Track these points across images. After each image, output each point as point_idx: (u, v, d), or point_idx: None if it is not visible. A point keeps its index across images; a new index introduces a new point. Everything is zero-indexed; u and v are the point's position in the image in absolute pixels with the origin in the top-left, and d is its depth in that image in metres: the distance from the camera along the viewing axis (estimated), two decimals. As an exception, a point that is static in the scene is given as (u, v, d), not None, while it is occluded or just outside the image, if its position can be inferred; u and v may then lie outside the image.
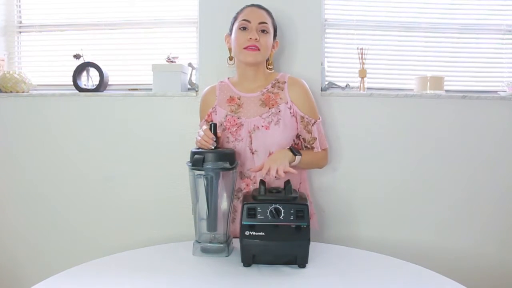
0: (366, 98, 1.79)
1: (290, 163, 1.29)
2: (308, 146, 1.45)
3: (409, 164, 1.80)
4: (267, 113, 1.41)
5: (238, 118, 1.42)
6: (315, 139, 1.44)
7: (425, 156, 1.79)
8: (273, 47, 1.49)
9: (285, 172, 1.23)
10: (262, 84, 1.47)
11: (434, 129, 1.79)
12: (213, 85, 1.53)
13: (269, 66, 1.55)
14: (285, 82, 1.46)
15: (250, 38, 1.38)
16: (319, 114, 1.49)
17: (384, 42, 1.89)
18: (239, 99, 1.45)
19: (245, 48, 1.39)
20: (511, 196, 1.80)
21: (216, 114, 1.46)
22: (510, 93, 1.80)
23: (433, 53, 1.90)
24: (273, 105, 1.42)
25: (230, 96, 1.47)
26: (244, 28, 1.40)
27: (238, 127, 1.41)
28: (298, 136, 1.47)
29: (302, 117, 1.43)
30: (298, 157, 1.33)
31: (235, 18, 1.46)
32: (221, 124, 1.43)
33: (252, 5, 1.46)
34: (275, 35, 1.49)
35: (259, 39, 1.39)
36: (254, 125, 1.40)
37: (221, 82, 1.53)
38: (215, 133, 1.26)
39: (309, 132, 1.43)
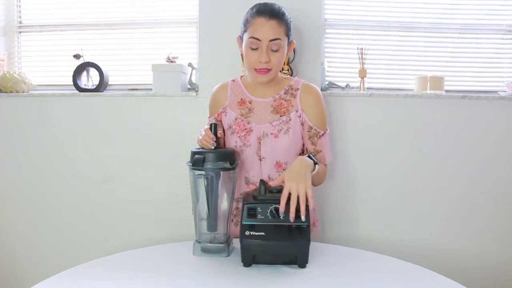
0: (366, 98, 1.79)
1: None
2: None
3: (409, 164, 1.80)
4: (278, 121, 1.36)
5: (248, 123, 1.38)
6: (318, 152, 1.38)
7: (425, 156, 1.79)
8: (289, 49, 1.36)
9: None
10: (275, 89, 1.40)
11: (434, 129, 1.79)
12: (225, 83, 1.47)
13: (283, 71, 1.47)
14: (298, 89, 1.39)
15: (261, 61, 1.28)
16: (327, 125, 1.42)
17: (384, 42, 1.89)
18: (250, 103, 1.40)
19: (256, 70, 1.31)
20: (511, 196, 1.80)
21: (226, 116, 1.41)
22: (510, 93, 1.80)
23: (433, 53, 1.90)
24: (284, 113, 1.37)
25: (242, 99, 1.41)
26: (255, 48, 1.29)
27: (247, 132, 1.37)
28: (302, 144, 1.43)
29: (310, 127, 1.37)
30: (317, 166, 1.24)
31: (246, 26, 1.31)
32: (230, 127, 1.39)
33: (263, 13, 1.27)
34: (290, 36, 1.36)
35: (270, 60, 1.28)
36: (264, 132, 1.36)
37: (233, 81, 1.46)
38: (215, 133, 1.26)
39: (313, 144, 1.37)
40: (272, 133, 1.36)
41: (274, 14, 1.28)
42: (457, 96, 1.79)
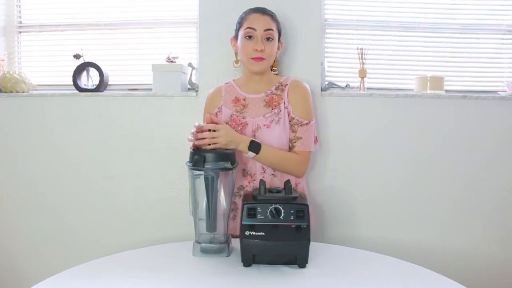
0: (366, 98, 1.79)
1: (236, 149, 1.31)
2: (290, 145, 1.46)
3: (409, 164, 1.80)
4: (270, 113, 1.46)
5: (243, 118, 1.46)
6: (298, 138, 1.44)
7: (425, 156, 1.79)
8: (278, 48, 1.50)
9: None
10: (267, 86, 1.51)
11: (434, 129, 1.79)
12: (219, 86, 1.57)
13: (273, 68, 1.60)
14: (287, 84, 1.51)
15: (256, 50, 1.40)
16: (313, 116, 1.50)
17: (384, 42, 1.89)
18: (244, 100, 1.50)
19: (252, 59, 1.42)
20: (511, 196, 1.80)
21: (221, 114, 1.49)
22: (510, 93, 1.80)
23: (433, 53, 1.90)
24: (275, 106, 1.47)
25: (236, 97, 1.51)
26: (250, 37, 1.42)
27: (243, 126, 1.45)
28: None
29: (292, 118, 1.46)
30: (250, 153, 1.35)
31: (240, 24, 1.46)
32: (227, 123, 1.45)
33: (257, 11, 1.46)
34: (279, 37, 1.50)
35: (264, 49, 1.41)
36: (258, 124, 1.45)
37: (226, 83, 1.56)
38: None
39: (294, 131, 1.45)
40: (265, 125, 1.45)
41: (267, 12, 1.47)
42: (457, 96, 1.79)
